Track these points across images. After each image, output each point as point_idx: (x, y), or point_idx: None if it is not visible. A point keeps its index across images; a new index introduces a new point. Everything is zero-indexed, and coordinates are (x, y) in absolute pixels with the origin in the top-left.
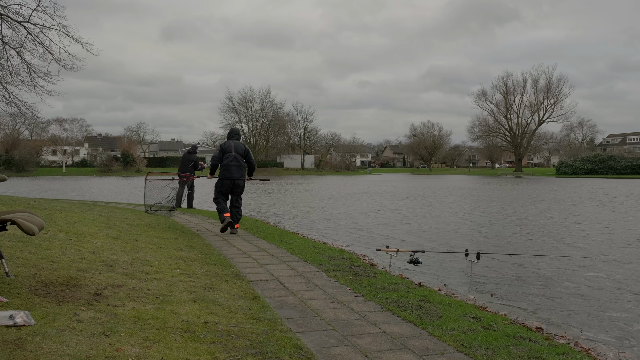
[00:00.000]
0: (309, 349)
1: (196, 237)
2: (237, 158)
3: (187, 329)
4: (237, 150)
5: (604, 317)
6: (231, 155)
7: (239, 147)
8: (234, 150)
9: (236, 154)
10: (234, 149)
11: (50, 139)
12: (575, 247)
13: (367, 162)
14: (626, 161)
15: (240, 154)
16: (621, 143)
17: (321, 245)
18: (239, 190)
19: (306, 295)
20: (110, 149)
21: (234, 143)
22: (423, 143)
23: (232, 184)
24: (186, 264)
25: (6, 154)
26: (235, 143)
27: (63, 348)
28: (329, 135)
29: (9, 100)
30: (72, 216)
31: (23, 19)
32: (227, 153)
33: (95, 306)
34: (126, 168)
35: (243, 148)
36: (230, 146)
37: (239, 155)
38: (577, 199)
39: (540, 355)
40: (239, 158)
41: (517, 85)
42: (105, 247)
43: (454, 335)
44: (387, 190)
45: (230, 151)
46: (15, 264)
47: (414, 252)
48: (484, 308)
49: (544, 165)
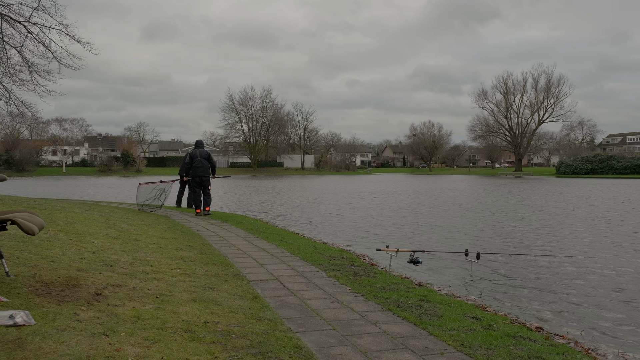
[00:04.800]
0: (308, 349)
1: (196, 237)
2: (202, 161)
3: (187, 329)
4: (201, 156)
5: (604, 317)
6: (197, 160)
7: (203, 153)
8: (199, 156)
9: (201, 158)
10: (199, 155)
11: (50, 139)
12: (576, 247)
13: (367, 162)
14: (626, 161)
15: (204, 158)
16: (621, 143)
17: (321, 245)
18: (206, 184)
19: (306, 295)
20: (110, 149)
21: (199, 151)
22: (423, 143)
23: (200, 179)
24: (186, 263)
25: (6, 153)
26: (200, 151)
27: (63, 348)
28: (329, 135)
29: (8, 99)
30: (72, 216)
31: (24, 19)
32: (194, 159)
33: (95, 306)
34: (126, 168)
35: (206, 153)
36: (196, 153)
37: (204, 159)
38: (578, 199)
39: (540, 355)
40: (203, 161)
41: (517, 85)
42: (105, 247)
43: (454, 335)
44: (387, 191)
45: (197, 157)
46: (15, 263)
47: (414, 252)
48: (484, 308)
49: (544, 165)
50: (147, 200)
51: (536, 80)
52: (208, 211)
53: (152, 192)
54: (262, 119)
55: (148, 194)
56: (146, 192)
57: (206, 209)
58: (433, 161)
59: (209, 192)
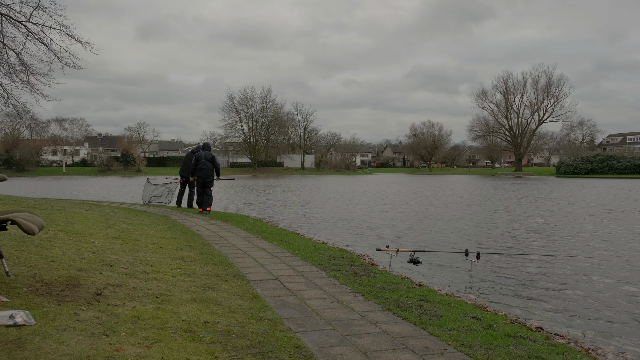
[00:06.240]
0: (308, 349)
1: (196, 236)
2: (207, 163)
3: (187, 329)
4: (206, 158)
5: (604, 317)
6: (202, 162)
7: (208, 156)
8: (204, 158)
9: (206, 160)
10: (204, 157)
11: (50, 139)
12: (576, 247)
13: (367, 162)
14: (626, 161)
15: (209, 160)
16: (621, 143)
17: (321, 245)
18: (209, 184)
19: (306, 294)
20: (111, 149)
21: (204, 153)
22: (423, 143)
23: (204, 180)
24: (186, 263)
25: (6, 153)
26: (205, 153)
27: (63, 348)
28: (329, 135)
29: (6, 99)
30: (72, 216)
31: (24, 19)
32: (200, 160)
33: (96, 306)
34: (126, 168)
35: (211, 156)
36: (202, 155)
37: (208, 161)
38: (578, 199)
39: (540, 355)
40: (207, 163)
41: (517, 85)
42: (106, 247)
43: (454, 335)
44: (387, 190)
45: (202, 159)
46: (16, 263)
47: (414, 251)
48: (484, 308)
49: (544, 165)
50: (153, 197)
51: (536, 80)
52: (209, 211)
53: (159, 189)
54: (262, 119)
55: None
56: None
57: (207, 209)
58: (433, 161)
59: (210, 192)
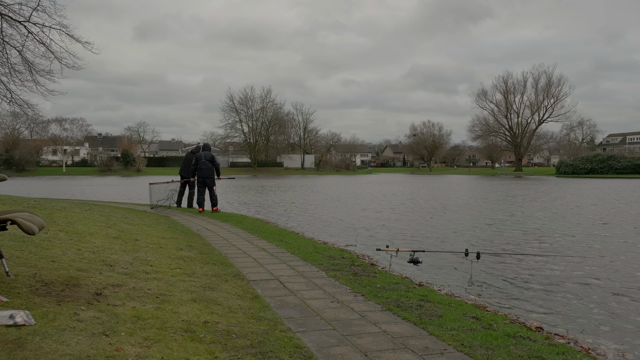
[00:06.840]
0: (308, 349)
1: (196, 236)
2: (206, 163)
3: (187, 329)
4: (206, 158)
5: (604, 317)
6: (202, 162)
7: (207, 156)
8: (204, 158)
9: (205, 160)
10: (204, 157)
11: (50, 139)
12: (576, 247)
13: (367, 162)
14: (626, 161)
15: (208, 160)
16: (621, 143)
17: (321, 245)
18: (210, 183)
19: (306, 294)
20: (111, 149)
21: (204, 153)
22: (423, 143)
23: (204, 180)
24: (186, 263)
25: (6, 153)
26: (205, 153)
27: (63, 348)
28: (329, 135)
29: (10, 99)
30: (72, 216)
31: (24, 19)
32: (200, 160)
33: (95, 306)
34: (126, 168)
35: (210, 156)
36: (202, 155)
37: (208, 161)
38: (578, 199)
39: (540, 354)
40: (207, 163)
41: (517, 85)
42: (106, 247)
43: (454, 335)
44: (387, 190)
45: (202, 159)
46: (16, 263)
47: (414, 251)
48: (484, 308)
49: (544, 165)
50: (159, 201)
51: (536, 80)
52: (216, 210)
53: (164, 192)
54: (262, 119)
55: (161, 194)
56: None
57: (214, 209)
58: (433, 161)
59: (213, 192)
